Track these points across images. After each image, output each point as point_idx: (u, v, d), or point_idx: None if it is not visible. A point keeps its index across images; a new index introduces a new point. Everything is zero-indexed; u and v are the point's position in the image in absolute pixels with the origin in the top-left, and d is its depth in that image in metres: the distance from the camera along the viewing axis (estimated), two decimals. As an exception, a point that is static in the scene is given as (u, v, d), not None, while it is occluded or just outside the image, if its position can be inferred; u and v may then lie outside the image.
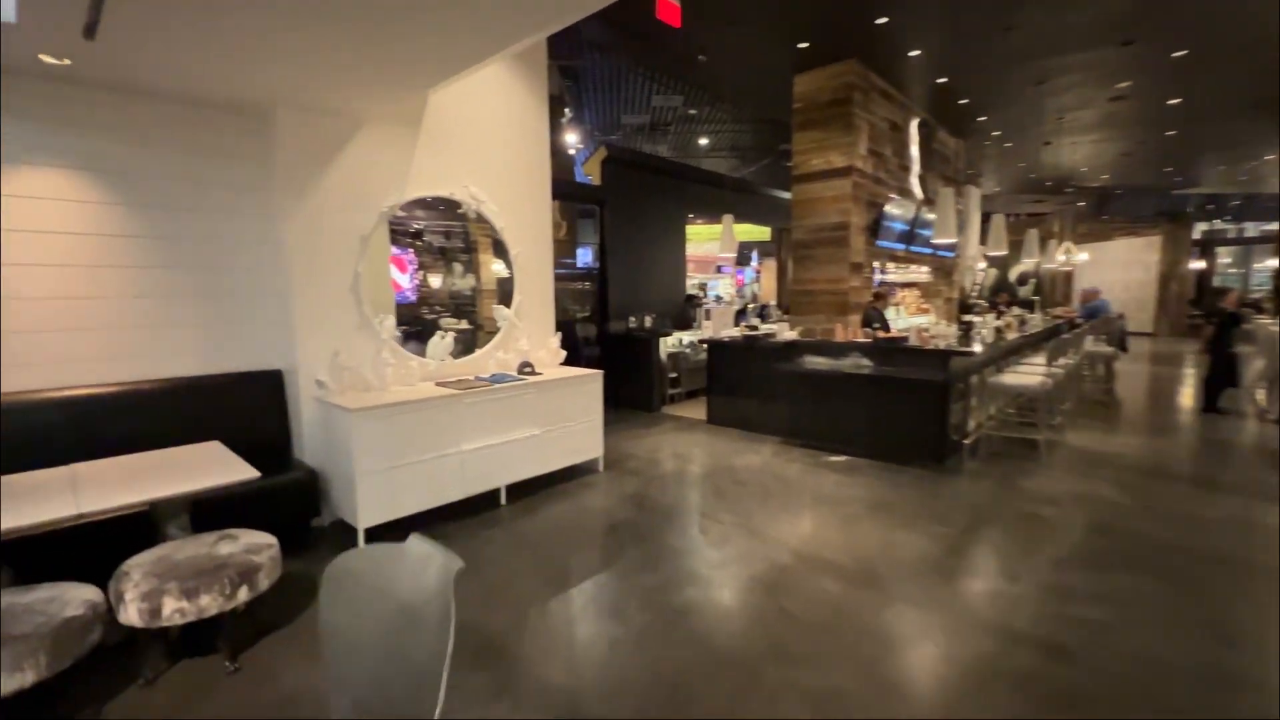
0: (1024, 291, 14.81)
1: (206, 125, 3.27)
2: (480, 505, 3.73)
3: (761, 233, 14.66)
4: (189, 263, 3.27)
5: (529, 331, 4.53)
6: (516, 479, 3.88)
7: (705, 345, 6.21)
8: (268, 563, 2.31)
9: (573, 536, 3.42)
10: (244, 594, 2.18)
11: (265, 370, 3.47)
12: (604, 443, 4.53)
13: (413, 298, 4.67)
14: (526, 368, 4.19)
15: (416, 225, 4.57)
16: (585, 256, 9.77)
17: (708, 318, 6.39)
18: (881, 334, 5.75)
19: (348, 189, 3.52)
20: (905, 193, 7.62)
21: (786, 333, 5.89)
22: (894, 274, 7.90)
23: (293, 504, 3.18)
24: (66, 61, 2.63)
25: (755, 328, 6.32)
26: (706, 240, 14.07)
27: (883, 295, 6.57)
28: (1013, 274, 15.70)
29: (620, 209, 8.72)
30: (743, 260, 21.53)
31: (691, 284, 13.41)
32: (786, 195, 12.23)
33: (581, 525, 3.57)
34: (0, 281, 2.76)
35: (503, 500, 3.83)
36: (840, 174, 6.30)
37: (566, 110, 9.89)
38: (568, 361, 4.73)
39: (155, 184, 3.14)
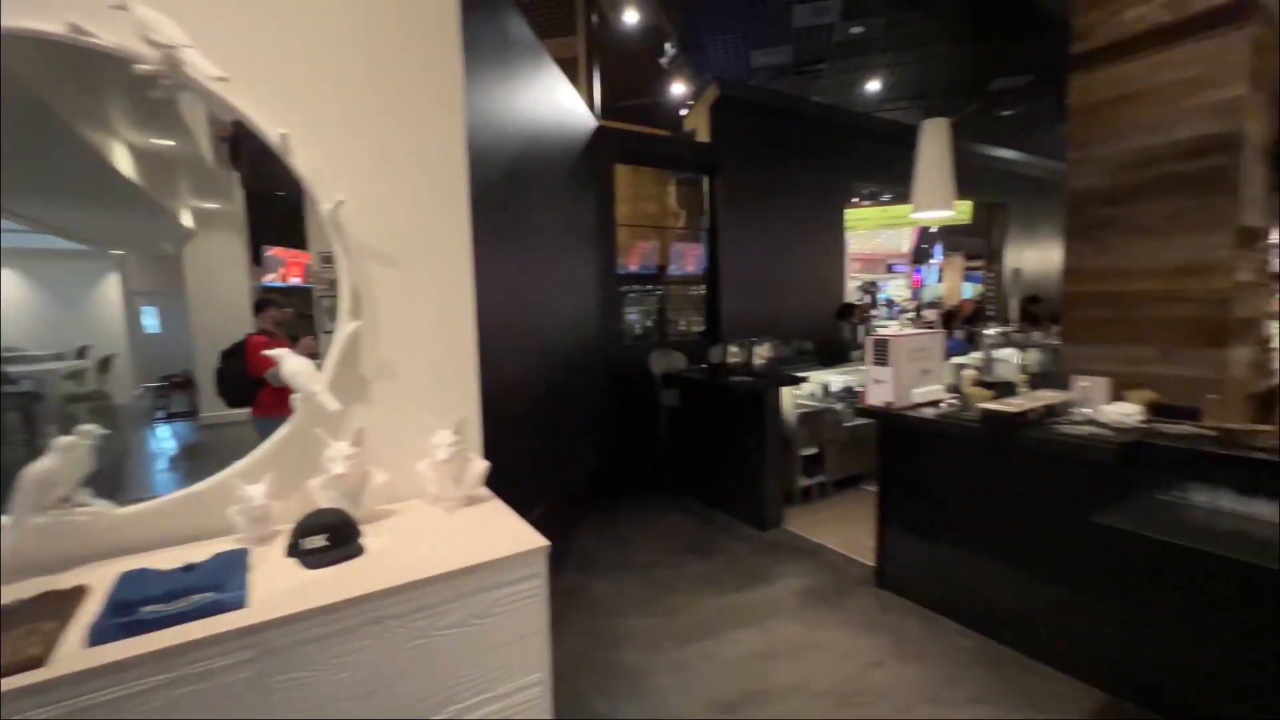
0: None
1: None
2: None
3: (961, 210, 10.39)
4: None
5: (381, 407, 1.76)
6: None
7: (872, 415, 2.97)
8: None
9: None
10: None
11: None
12: (582, 653, 1.59)
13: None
14: (320, 529, 1.42)
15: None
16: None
17: (875, 357, 2.96)
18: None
19: None
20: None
21: (1108, 407, 2.44)
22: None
23: None
24: None
25: (1008, 386, 2.83)
26: (878, 225, 10.19)
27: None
28: None
29: (740, 177, 5.73)
30: (921, 257, 17.06)
31: (854, 288, 9.78)
32: (1005, 154, 8.29)
33: None
34: None
35: None
36: (1226, 19, 2.68)
37: (668, 47, 7.08)
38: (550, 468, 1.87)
39: None
